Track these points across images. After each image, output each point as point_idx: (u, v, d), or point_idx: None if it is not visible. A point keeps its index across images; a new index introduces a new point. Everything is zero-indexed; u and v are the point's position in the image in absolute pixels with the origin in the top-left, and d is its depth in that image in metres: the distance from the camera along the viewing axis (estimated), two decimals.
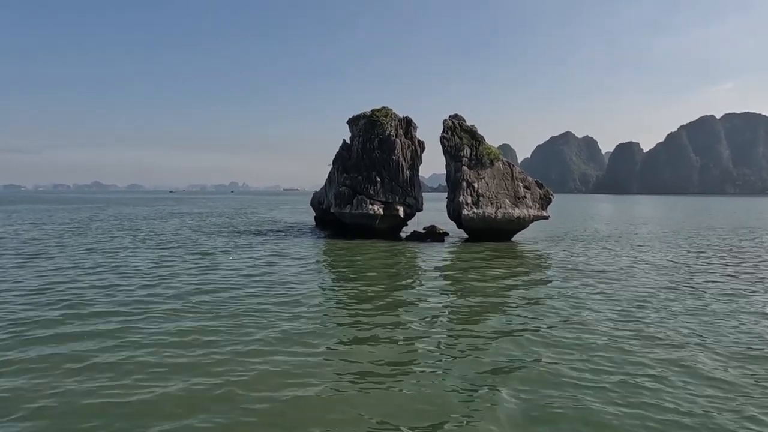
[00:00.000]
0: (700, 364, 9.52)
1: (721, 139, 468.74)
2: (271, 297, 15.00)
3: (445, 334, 11.66)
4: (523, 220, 30.92)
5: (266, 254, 24.51)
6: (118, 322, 12.08)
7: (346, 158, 35.51)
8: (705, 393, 8.30)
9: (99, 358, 9.60)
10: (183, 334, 11.13)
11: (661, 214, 73.93)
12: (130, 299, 14.47)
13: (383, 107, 35.64)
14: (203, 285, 16.71)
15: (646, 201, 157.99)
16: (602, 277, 19.14)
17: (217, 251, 25.44)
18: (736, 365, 9.52)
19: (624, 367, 9.37)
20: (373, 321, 12.66)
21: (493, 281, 18.19)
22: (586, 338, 11.08)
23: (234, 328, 11.71)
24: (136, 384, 8.48)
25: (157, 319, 12.37)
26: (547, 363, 9.56)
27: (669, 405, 7.83)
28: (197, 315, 12.83)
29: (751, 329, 11.90)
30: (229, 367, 9.21)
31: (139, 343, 10.50)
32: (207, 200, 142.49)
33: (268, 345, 10.57)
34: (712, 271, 20.49)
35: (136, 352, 9.95)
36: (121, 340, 10.72)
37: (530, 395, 8.19)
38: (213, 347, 10.30)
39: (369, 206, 31.99)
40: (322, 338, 11.13)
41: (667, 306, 14.28)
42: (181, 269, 19.83)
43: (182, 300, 14.46)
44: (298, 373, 9.04)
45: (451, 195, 32.65)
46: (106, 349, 10.10)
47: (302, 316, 12.94)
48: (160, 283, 16.84)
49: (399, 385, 8.64)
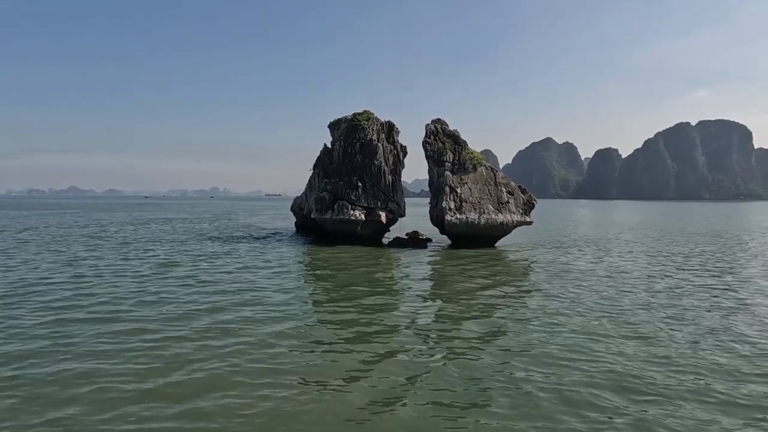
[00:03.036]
0: (672, 350, 9.08)
1: (697, 145, 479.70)
2: (243, 307, 14.17)
3: (425, 343, 11.17)
4: (506, 225, 30.55)
5: (240, 263, 23.57)
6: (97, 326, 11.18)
7: (327, 163, 34.77)
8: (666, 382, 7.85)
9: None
10: (150, 346, 10.32)
11: (642, 219, 74.66)
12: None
13: (365, 111, 35.02)
14: (169, 296, 15.80)
15: (626, 206, 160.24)
16: (584, 282, 18.84)
17: (185, 261, 24.40)
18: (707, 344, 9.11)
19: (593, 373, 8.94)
20: (352, 329, 12.27)
21: (476, 288, 17.67)
22: (574, 346, 10.62)
23: (203, 338, 11.03)
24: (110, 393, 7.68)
25: (124, 332, 11.50)
26: (530, 373, 9.03)
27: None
28: (159, 324, 11.98)
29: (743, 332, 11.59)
30: (200, 379, 8.51)
31: (107, 353, 9.65)
32: (186, 205, 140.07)
33: (242, 353, 10.18)
34: (690, 273, 20.32)
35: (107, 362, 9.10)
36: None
37: (509, 400, 7.89)
38: (179, 359, 9.51)
39: (350, 212, 31.31)
40: (299, 347, 10.79)
41: (649, 306, 14.25)
42: (144, 280, 18.86)
43: (143, 311, 13.56)
44: (273, 382, 8.76)
45: (434, 200, 32.14)
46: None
47: (279, 326, 12.31)
48: (120, 294, 15.89)
49: (369, 393, 8.13)
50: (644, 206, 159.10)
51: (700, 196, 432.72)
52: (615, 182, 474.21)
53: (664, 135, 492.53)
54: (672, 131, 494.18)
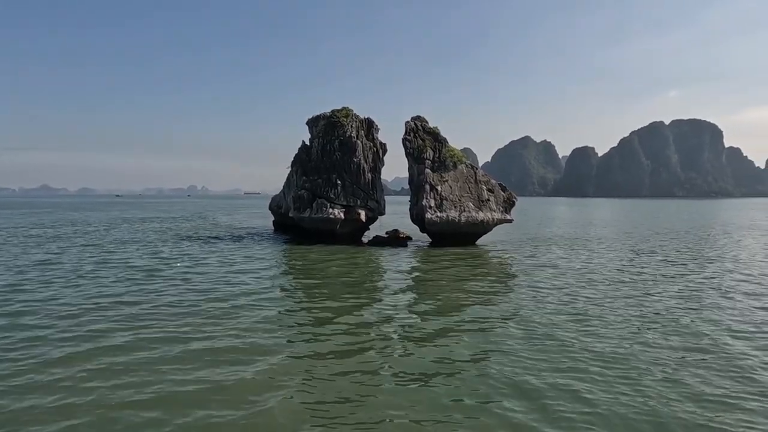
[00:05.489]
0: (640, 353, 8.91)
1: (670, 144, 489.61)
2: (217, 309, 13.61)
3: (404, 342, 10.92)
4: (486, 223, 30.37)
5: (216, 263, 22.86)
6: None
7: (306, 160, 34.10)
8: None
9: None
10: (121, 350, 9.75)
11: (618, 216, 75.69)
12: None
13: (344, 108, 34.47)
14: (140, 301, 15.09)
15: (602, 204, 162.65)
16: (563, 279, 18.90)
17: (159, 263, 23.54)
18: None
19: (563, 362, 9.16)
20: (329, 330, 12.06)
21: (456, 286, 17.45)
22: (551, 349, 10.38)
23: (179, 339, 10.65)
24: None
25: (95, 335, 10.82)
26: (509, 368, 8.75)
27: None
28: (130, 332, 11.34)
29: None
30: (174, 379, 7.95)
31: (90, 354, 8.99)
32: (160, 204, 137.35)
33: (217, 355, 10.04)
34: (661, 268, 20.40)
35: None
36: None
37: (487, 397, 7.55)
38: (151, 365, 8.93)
39: (329, 210, 30.75)
40: (276, 347, 10.64)
41: (623, 304, 14.32)
42: (116, 283, 18.07)
43: (114, 319, 12.88)
44: (253, 384, 8.69)
45: (414, 198, 31.79)
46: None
47: (255, 328, 11.99)
48: (87, 306, 15.12)
49: (348, 392, 7.89)
50: (620, 204, 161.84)
51: (674, 194, 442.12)
52: (592, 180, 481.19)
53: (638, 134, 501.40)
54: (646, 130, 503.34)
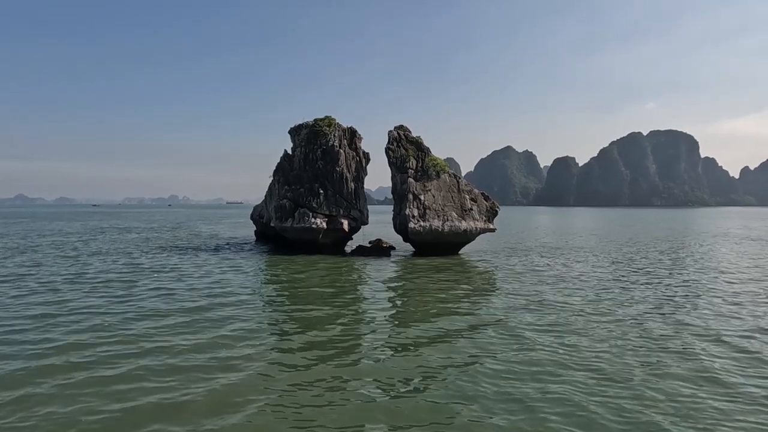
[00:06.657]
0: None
1: (648, 154, 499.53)
2: (195, 321, 13.22)
3: (386, 351, 10.75)
4: (470, 232, 30.34)
5: (195, 274, 22.37)
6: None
7: (288, 169, 33.77)
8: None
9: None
10: (92, 365, 9.29)
11: (598, 225, 76.61)
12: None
13: (326, 117, 34.27)
14: (119, 313, 14.60)
15: (583, 213, 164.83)
16: (545, 286, 18.98)
17: (137, 274, 22.98)
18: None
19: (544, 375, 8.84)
20: (310, 340, 11.90)
21: (439, 296, 17.32)
22: (534, 356, 10.26)
23: (154, 351, 10.19)
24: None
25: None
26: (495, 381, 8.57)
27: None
28: (102, 345, 10.90)
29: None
30: (159, 391, 7.57)
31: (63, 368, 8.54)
32: (140, 214, 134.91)
33: (192, 368, 9.79)
34: (639, 274, 20.55)
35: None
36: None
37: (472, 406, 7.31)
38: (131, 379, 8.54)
39: (311, 220, 30.43)
40: (256, 357, 10.55)
41: (604, 310, 14.38)
42: (88, 296, 17.50)
43: (89, 333, 12.40)
44: (236, 399, 8.51)
45: (397, 208, 31.65)
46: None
47: (234, 338, 11.77)
48: (56, 318, 14.57)
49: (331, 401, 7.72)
50: (600, 213, 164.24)
51: (652, 203, 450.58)
52: (573, 189, 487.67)
53: (618, 144, 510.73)
54: (625, 140, 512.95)
